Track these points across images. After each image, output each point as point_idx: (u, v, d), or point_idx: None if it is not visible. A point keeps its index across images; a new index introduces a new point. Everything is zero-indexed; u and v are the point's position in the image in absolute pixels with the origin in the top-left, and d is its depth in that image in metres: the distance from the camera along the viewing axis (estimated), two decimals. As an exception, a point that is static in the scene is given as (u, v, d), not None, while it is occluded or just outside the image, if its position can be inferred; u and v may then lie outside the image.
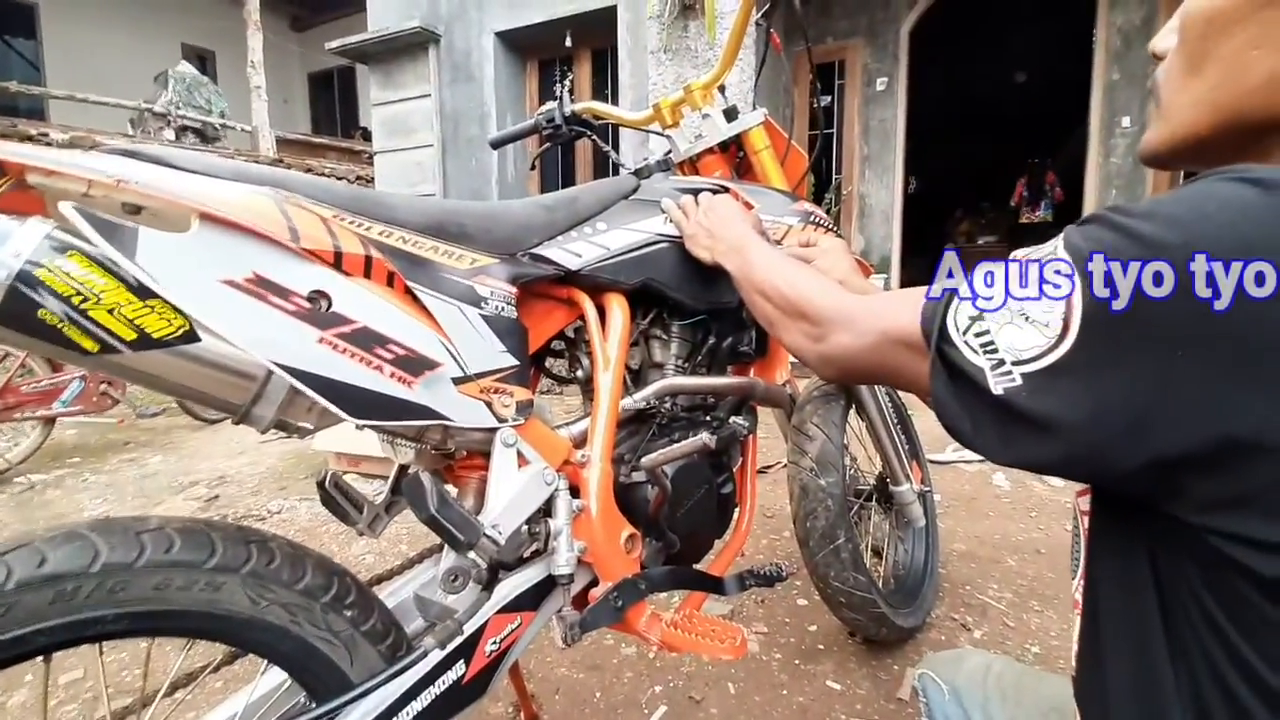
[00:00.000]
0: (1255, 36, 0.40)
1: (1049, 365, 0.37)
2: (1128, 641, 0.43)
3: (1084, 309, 0.36)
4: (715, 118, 1.18)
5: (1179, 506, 0.35)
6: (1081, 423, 0.36)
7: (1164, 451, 0.34)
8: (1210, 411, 0.32)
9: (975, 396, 0.41)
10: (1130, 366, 0.34)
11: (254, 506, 2.09)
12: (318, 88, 12.26)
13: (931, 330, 0.44)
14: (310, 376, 0.56)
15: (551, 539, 0.73)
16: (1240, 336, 0.31)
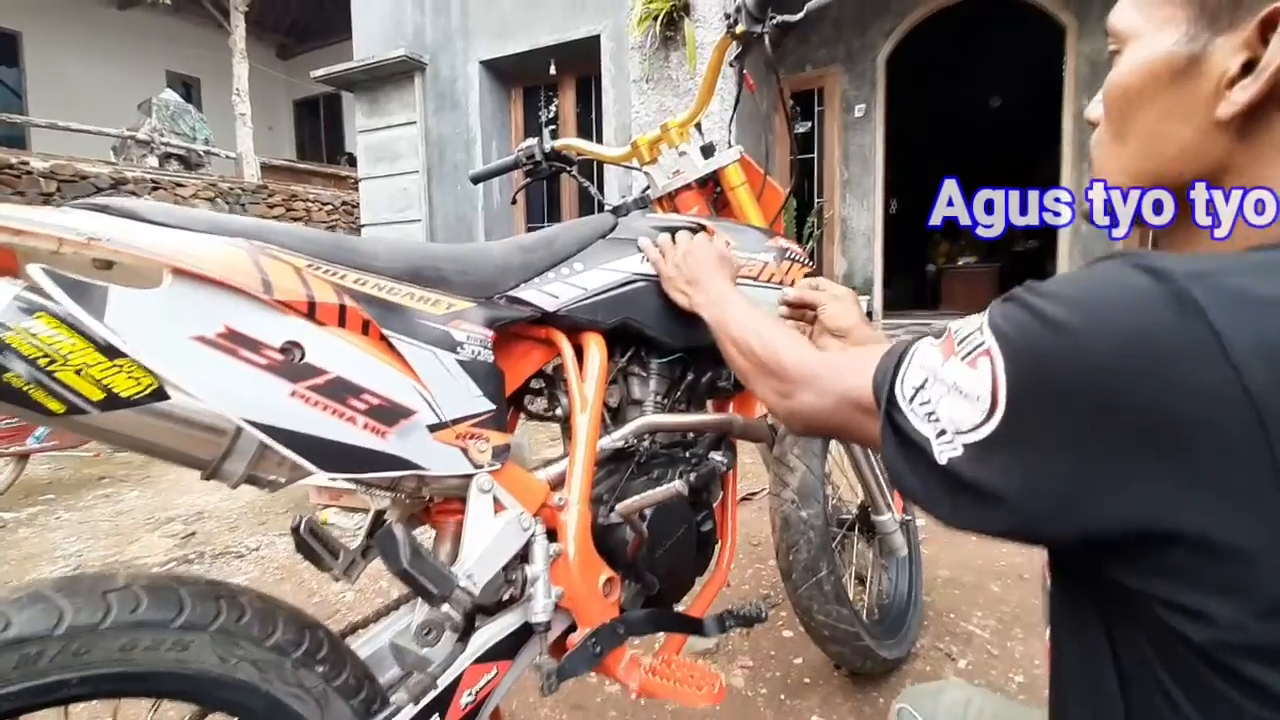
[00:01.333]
0: (1167, 111, 0.43)
1: (984, 439, 0.38)
2: (1088, 705, 0.43)
3: (1007, 387, 0.37)
4: (692, 154, 1.20)
5: (1121, 573, 0.36)
6: (1018, 495, 0.37)
7: (1091, 527, 0.35)
8: (1124, 491, 0.33)
9: (924, 464, 0.42)
10: (1050, 445, 0.36)
11: (231, 543, 2.05)
12: (303, 114, 12.31)
13: (881, 397, 0.46)
14: (281, 431, 0.56)
15: (528, 585, 0.73)
16: (1140, 419, 0.32)
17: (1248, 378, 0.30)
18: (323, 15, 10.54)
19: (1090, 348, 0.34)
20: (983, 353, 0.39)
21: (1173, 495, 0.32)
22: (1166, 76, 0.43)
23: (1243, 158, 0.41)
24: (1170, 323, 0.32)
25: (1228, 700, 0.34)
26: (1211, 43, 0.41)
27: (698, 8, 3.71)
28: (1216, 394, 0.30)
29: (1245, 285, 0.32)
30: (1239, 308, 0.31)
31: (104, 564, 1.94)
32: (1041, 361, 0.36)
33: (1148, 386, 0.32)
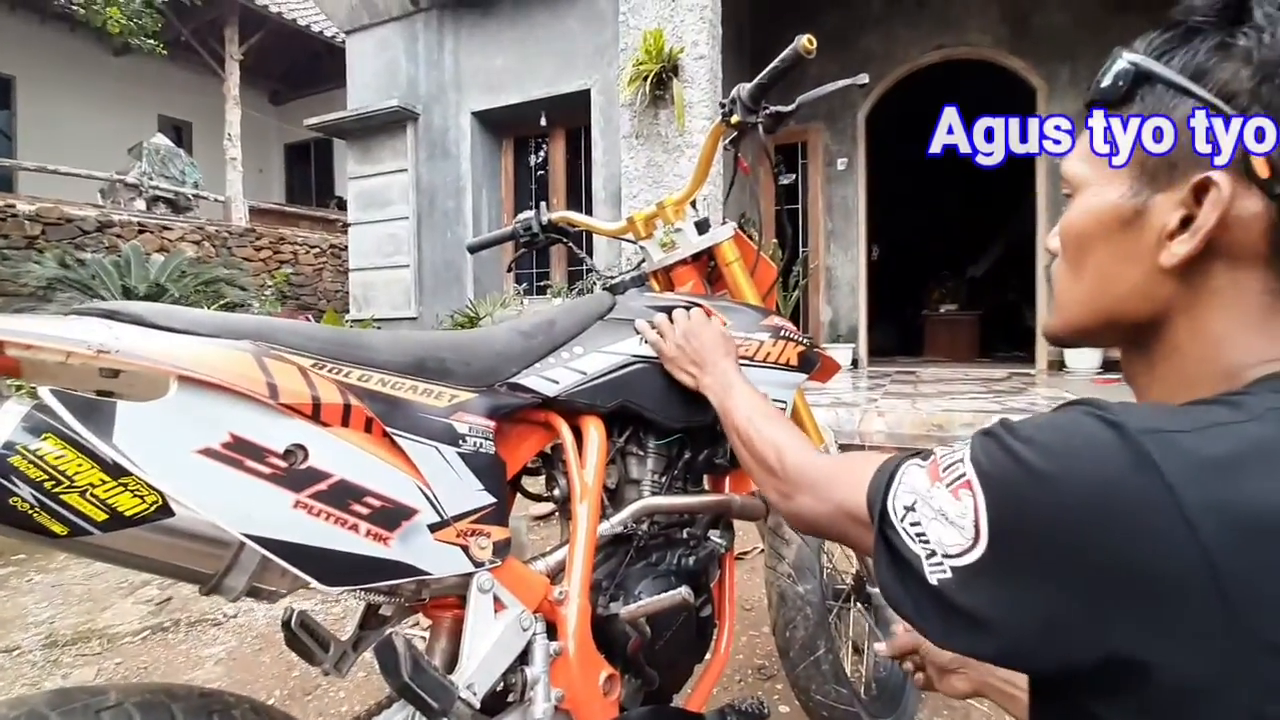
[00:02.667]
0: (1116, 255, 0.47)
1: (970, 565, 0.40)
2: None
3: (989, 522, 0.39)
4: (687, 231, 1.23)
5: (1098, 707, 0.37)
6: (1004, 623, 0.39)
7: (1071, 659, 0.37)
8: (1097, 629, 0.35)
9: (916, 583, 0.43)
10: (1030, 581, 0.38)
11: (208, 609, 1.98)
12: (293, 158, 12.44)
13: (874, 513, 0.47)
14: (283, 545, 0.55)
15: (528, 688, 0.71)
16: (1105, 565, 0.35)
17: (1201, 532, 0.32)
18: (317, 64, 10.77)
19: (1061, 497, 0.36)
20: (964, 484, 0.41)
21: (1139, 637, 0.34)
22: (1115, 225, 0.47)
23: (1185, 300, 0.45)
24: (1130, 479, 0.34)
25: None
26: (1152, 199, 0.45)
27: (686, 69, 3.85)
28: (1172, 547, 0.33)
29: (1195, 445, 0.35)
30: (1190, 468, 0.34)
31: (76, 632, 1.86)
32: (1019, 504, 0.38)
33: (1112, 537, 0.34)
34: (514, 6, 5.39)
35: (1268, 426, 0.36)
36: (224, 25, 9.05)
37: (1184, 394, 0.44)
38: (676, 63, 3.79)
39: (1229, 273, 0.43)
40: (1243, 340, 0.43)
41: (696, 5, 3.80)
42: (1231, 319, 0.43)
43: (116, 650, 1.78)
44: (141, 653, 1.77)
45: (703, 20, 3.83)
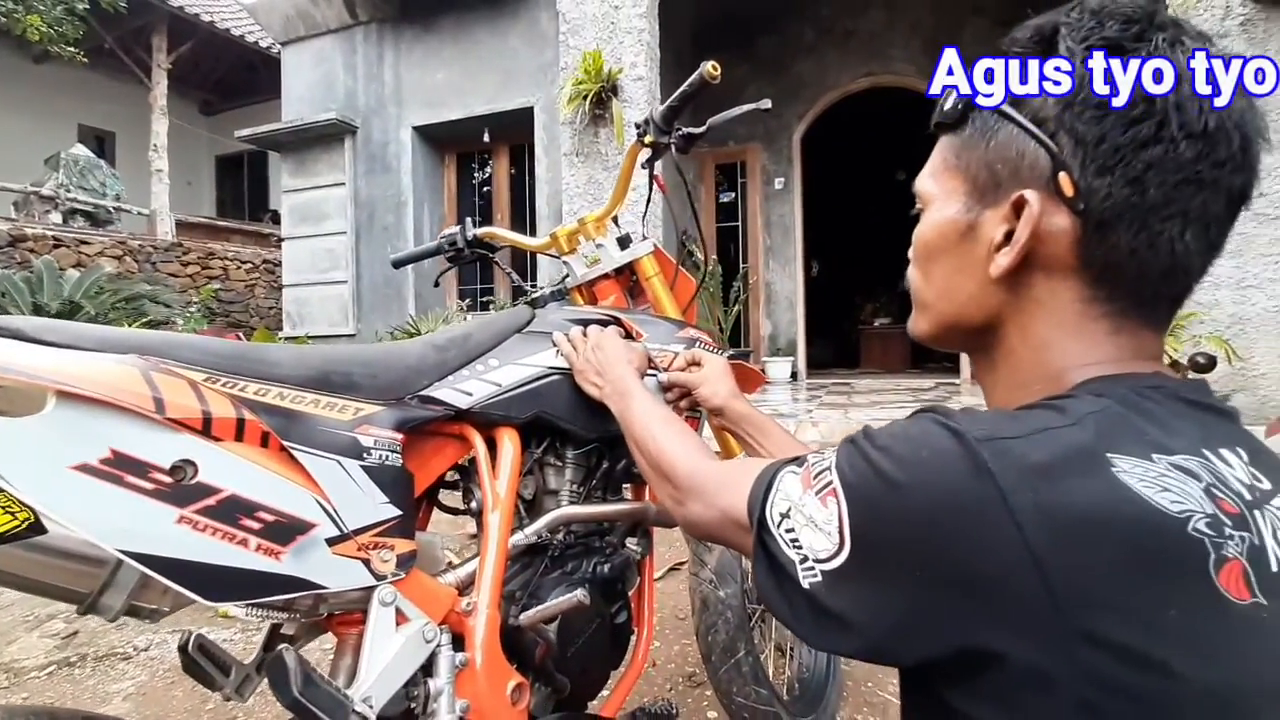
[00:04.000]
0: (956, 266, 0.51)
1: (836, 569, 0.43)
2: None
3: (850, 528, 0.42)
4: (609, 246, 1.26)
5: (953, 697, 0.40)
6: (867, 624, 0.42)
7: (927, 653, 0.40)
8: (947, 624, 0.38)
9: (790, 586, 0.45)
10: (887, 582, 0.41)
11: (118, 643, 1.87)
12: (225, 170, 11.97)
13: (753, 519, 0.50)
14: (163, 561, 0.54)
15: (431, 701, 0.71)
16: (950, 564, 0.38)
17: (1027, 532, 0.35)
18: (251, 75, 10.45)
19: (911, 504, 0.39)
20: (830, 492, 0.44)
21: (985, 630, 0.37)
22: (953, 237, 0.51)
23: (1013, 308, 0.49)
24: (969, 486, 0.38)
25: None
26: (982, 214, 0.49)
27: (625, 89, 3.92)
28: (1005, 545, 0.36)
29: (1024, 451, 0.38)
30: (1019, 473, 0.37)
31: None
32: (874, 512, 0.41)
33: (955, 539, 0.37)
34: (455, 23, 5.38)
35: (1086, 432, 0.39)
36: (151, 33, 8.69)
37: (1020, 394, 0.48)
38: (615, 83, 3.87)
39: (1046, 283, 0.47)
40: (1062, 346, 0.47)
41: (634, 29, 3.89)
42: (1052, 326, 0.47)
43: (22, 685, 1.68)
44: (48, 688, 1.67)
45: (640, 43, 3.92)
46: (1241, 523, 0.38)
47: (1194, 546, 0.36)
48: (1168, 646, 0.35)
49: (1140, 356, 0.47)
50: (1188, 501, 0.37)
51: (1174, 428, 0.41)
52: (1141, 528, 0.35)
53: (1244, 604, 0.36)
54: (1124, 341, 0.46)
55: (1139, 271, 0.44)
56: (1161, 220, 0.43)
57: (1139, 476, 0.37)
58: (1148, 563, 0.35)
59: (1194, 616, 0.35)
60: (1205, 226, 0.44)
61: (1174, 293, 0.46)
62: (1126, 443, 0.38)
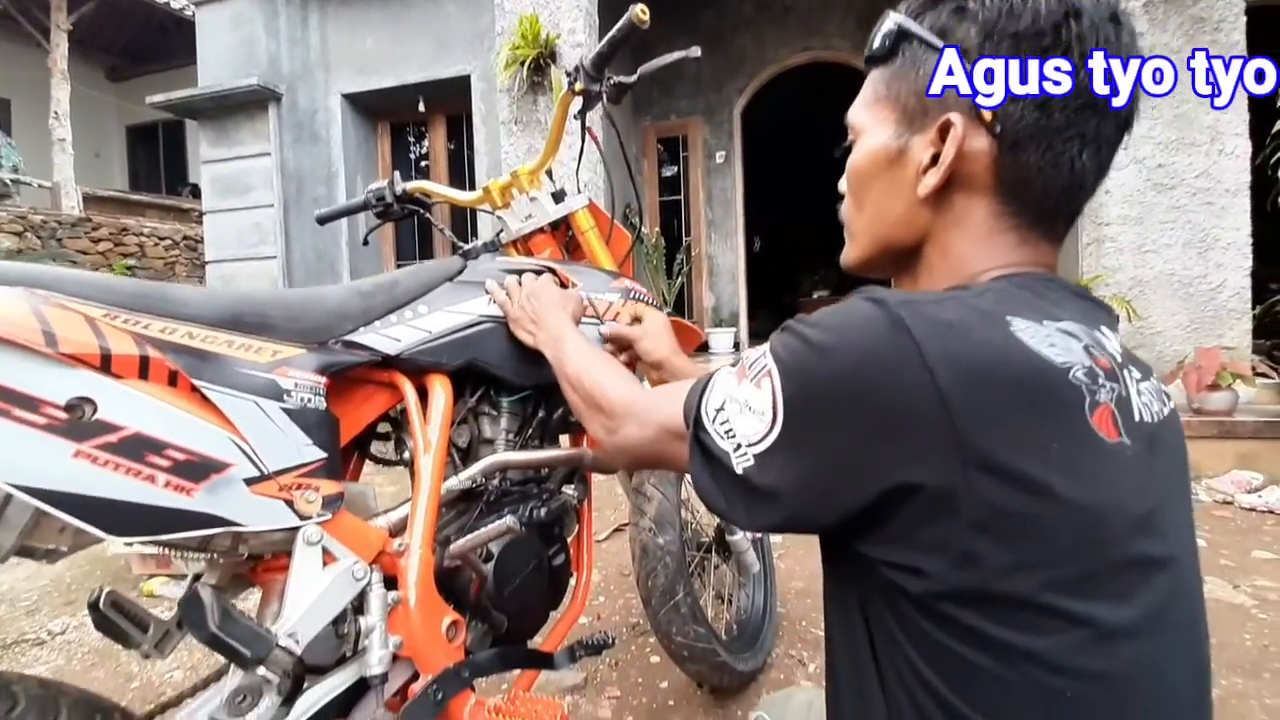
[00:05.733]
0: (885, 190, 0.56)
1: (767, 448, 0.47)
2: (850, 670, 0.51)
3: (783, 401, 0.46)
4: (543, 200, 1.25)
5: (864, 546, 0.45)
6: (792, 492, 0.46)
7: (847, 508, 0.44)
8: (866, 470, 0.43)
9: (725, 475, 0.50)
10: (814, 443, 0.45)
11: (29, 629, 1.76)
12: (138, 141, 11.14)
13: (689, 419, 0.54)
14: (60, 496, 0.51)
15: (363, 638, 0.70)
16: (872, 412, 0.42)
17: (938, 378, 0.40)
18: (162, 38, 9.71)
19: (837, 363, 0.44)
20: (765, 374, 0.47)
21: (899, 467, 0.41)
22: (884, 163, 0.55)
23: (937, 226, 0.54)
24: (888, 338, 0.42)
25: (944, 647, 0.43)
26: (911, 139, 0.53)
27: (564, 55, 3.85)
28: (919, 389, 0.41)
29: (936, 311, 0.43)
30: (932, 327, 0.42)
31: None
32: (806, 377, 0.45)
33: (877, 386, 0.42)
34: (384, -15, 5.13)
35: (988, 299, 0.45)
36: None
37: None
38: (554, 49, 3.78)
39: (965, 200, 0.52)
40: (975, 256, 0.52)
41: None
42: (968, 240, 0.52)
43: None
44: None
45: (578, 8, 3.84)
46: (1112, 376, 0.45)
47: (1072, 392, 0.42)
48: (1051, 472, 0.40)
49: (1039, 264, 0.52)
50: (1070, 356, 0.43)
51: (1062, 306, 0.47)
52: (1031, 373, 0.41)
53: (1112, 442, 0.43)
54: (1027, 251, 0.52)
55: (1044, 188, 0.50)
56: (1064, 141, 0.48)
57: (1031, 335, 0.43)
58: (1035, 402, 0.41)
59: (1072, 448, 0.41)
60: (1098, 147, 0.49)
61: (1071, 209, 0.52)
62: (1022, 310, 0.44)
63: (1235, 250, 3.24)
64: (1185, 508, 0.51)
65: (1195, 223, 3.26)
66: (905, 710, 0.46)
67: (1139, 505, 0.43)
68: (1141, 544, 0.43)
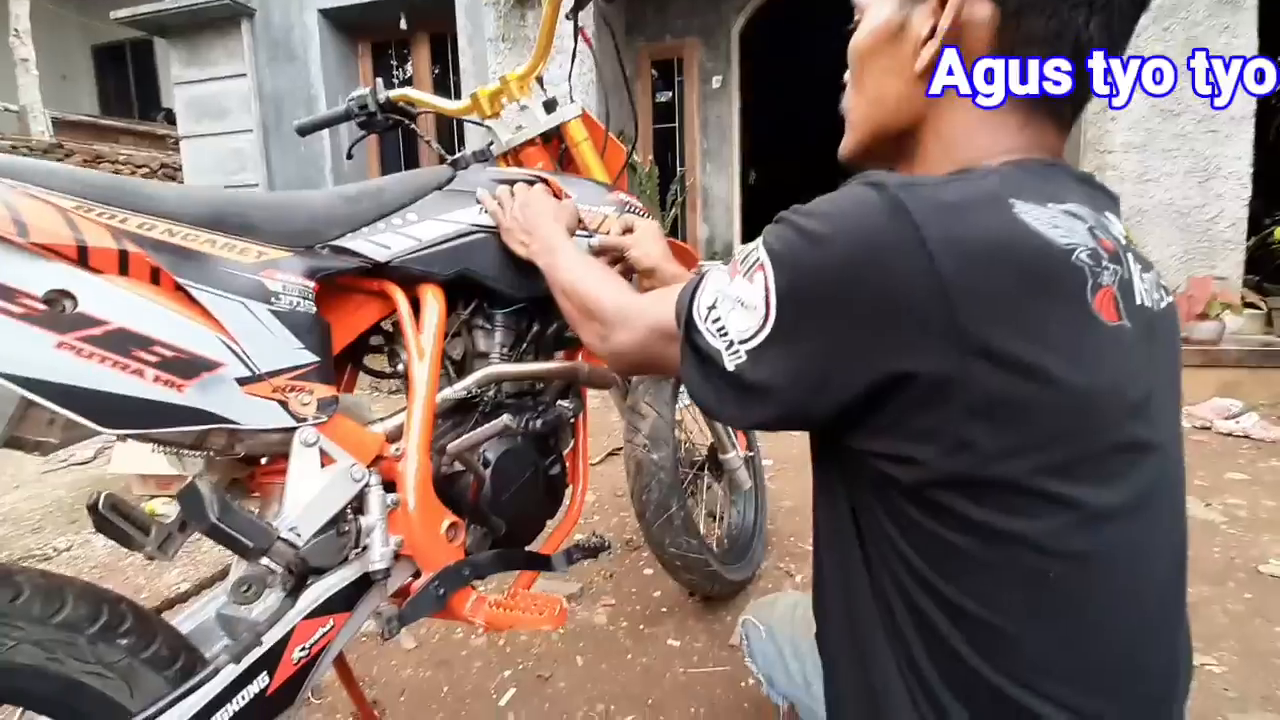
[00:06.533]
0: (887, 66, 0.53)
1: (760, 342, 0.46)
2: (837, 563, 0.53)
3: (776, 292, 0.44)
4: (534, 109, 1.19)
5: (855, 440, 0.45)
6: (785, 386, 0.45)
7: (840, 400, 0.44)
8: (861, 358, 0.42)
9: (716, 373, 0.49)
10: (807, 334, 0.44)
11: (34, 546, 1.80)
12: (106, 63, 10.56)
13: (681, 320, 0.53)
14: (46, 385, 0.51)
15: (364, 536, 0.72)
16: (869, 298, 0.41)
17: (938, 261, 0.39)
18: (121, -54, 9.05)
19: (834, 250, 0.42)
20: (758, 267, 0.46)
21: (894, 354, 0.41)
22: (885, 37, 0.53)
23: (932, 107, 0.51)
24: (886, 223, 0.41)
25: (931, 534, 0.44)
26: (913, 11, 0.51)
27: (553, -34, 3.62)
28: (918, 273, 0.39)
29: (937, 193, 0.42)
30: (932, 209, 0.41)
31: None
32: (799, 267, 0.44)
33: (873, 272, 0.41)
34: (359, -115, 4.76)
35: (991, 181, 0.44)
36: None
37: None
38: (542, -42, 3.55)
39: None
40: (976, 139, 0.50)
41: (561, -106, 3.54)
42: (968, 120, 0.50)
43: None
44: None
45: (569, -88, 3.59)
46: (1116, 259, 0.44)
47: (1075, 273, 0.41)
48: (1048, 355, 0.39)
49: (1044, 150, 0.50)
50: (1073, 237, 0.42)
51: (1067, 189, 0.46)
52: (1033, 256, 0.40)
53: (1112, 325, 0.42)
54: (1030, 135, 0.49)
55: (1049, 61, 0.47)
56: (1071, 7, 0.45)
57: (1034, 216, 0.41)
58: (1036, 286, 0.40)
59: (1072, 332, 0.41)
60: (1109, 15, 0.46)
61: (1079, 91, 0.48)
62: (1025, 193, 0.43)
63: (1235, 180, 3.19)
64: (1175, 397, 0.51)
65: (1198, 151, 3.20)
66: (892, 600, 0.47)
67: (1135, 390, 0.43)
68: (1134, 428, 0.43)
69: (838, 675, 0.56)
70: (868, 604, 0.49)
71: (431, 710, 1.14)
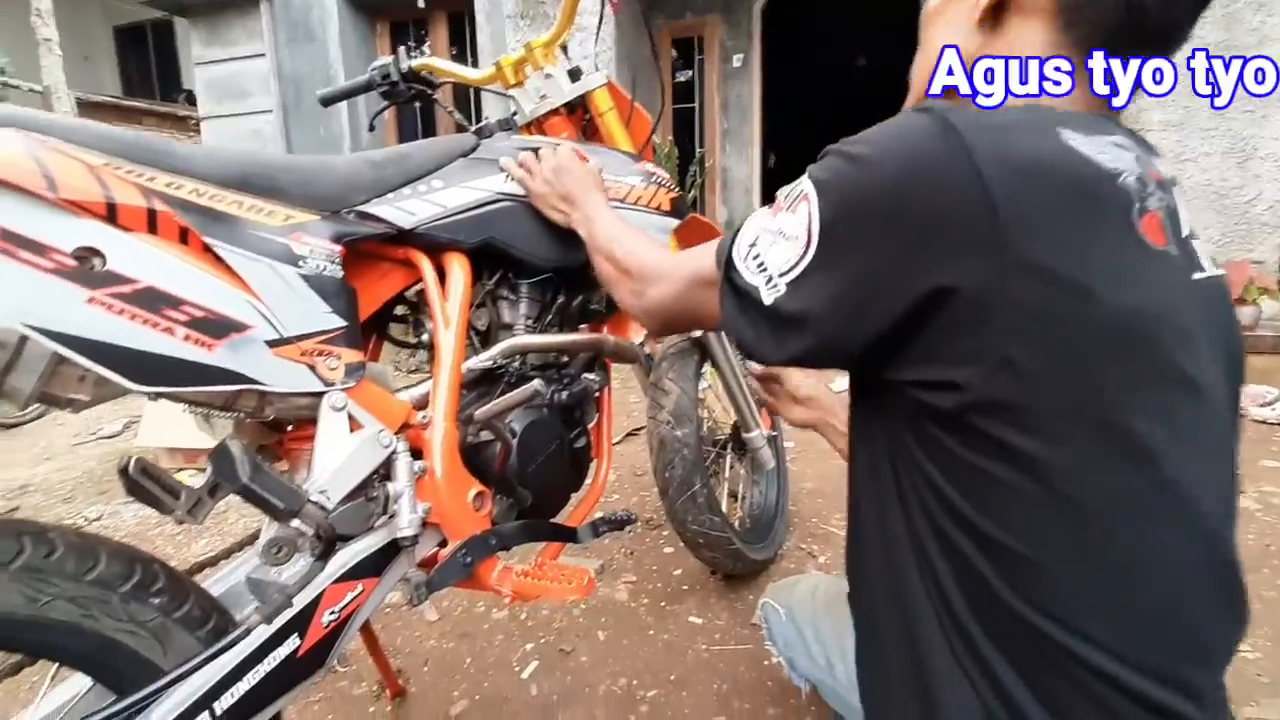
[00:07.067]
0: (949, 19, 0.55)
1: (800, 272, 0.46)
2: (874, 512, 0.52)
3: (819, 219, 0.45)
4: (558, 78, 1.17)
5: (894, 370, 0.45)
6: (824, 313, 0.45)
7: (880, 324, 0.44)
8: (905, 278, 0.42)
9: (754, 309, 0.49)
10: (849, 255, 0.44)
11: (66, 515, 1.83)
12: (127, 43, 10.62)
13: (721, 262, 0.53)
14: (78, 340, 0.50)
15: (391, 502, 0.71)
16: (916, 217, 0.41)
17: (986, 175, 0.39)
18: (141, -74, 9.06)
19: (881, 171, 0.43)
20: (802, 198, 0.47)
21: (938, 269, 0.40)
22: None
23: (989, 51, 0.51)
24: (937, 143, 0.41)
25: (970, 465, 0.43)
26: None
27: (573, -60, 3.56)
28: (964, 188, 0.40)
29: (987, 117, 0.43)
30: (982, 128, 0.41)
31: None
32: (845, 190, 0.44)
33: (921, 187, 0.41)
34: None
35: (1040, 113, 0.44)
36: None
37: None
38: (562, -68, 3.49)
39: (1020, 26, 0.49)
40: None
41: None
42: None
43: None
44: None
45: (589, -116, 3.52)
46: (1163, 187, 0.44)
47: (1122, 195, 0.41)
48: (1092, 273, 0.40)
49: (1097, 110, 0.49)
50: (1121, 163, 0.42)
51: (1115, 131, 0.46)
52: (1080, 176, 0.41)
53: (1158, 248, 0.42)
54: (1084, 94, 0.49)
55: (1102, 15, 0.46)
56: None
57: (1081, 143, 0.42)
58: (1083, 204, 0.40)
59: (1116, 251, 0.41)
60: None
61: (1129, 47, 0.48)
62: (1074, 125, 0.43)
63: (1273, 161, 3.09)
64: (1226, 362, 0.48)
65: (1236, 131, 3.10)
66: (928, 544, 0.47)
67: (1179, 319, 0.43)
68: (1182, 362, 0.42)
69: (875, 632, 0.56)
70: (904, 552, 0.49)
71: (455, 680, 1.15)
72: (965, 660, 0.46)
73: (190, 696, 0.56)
